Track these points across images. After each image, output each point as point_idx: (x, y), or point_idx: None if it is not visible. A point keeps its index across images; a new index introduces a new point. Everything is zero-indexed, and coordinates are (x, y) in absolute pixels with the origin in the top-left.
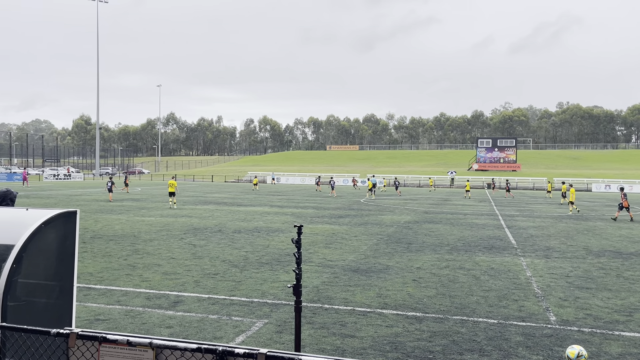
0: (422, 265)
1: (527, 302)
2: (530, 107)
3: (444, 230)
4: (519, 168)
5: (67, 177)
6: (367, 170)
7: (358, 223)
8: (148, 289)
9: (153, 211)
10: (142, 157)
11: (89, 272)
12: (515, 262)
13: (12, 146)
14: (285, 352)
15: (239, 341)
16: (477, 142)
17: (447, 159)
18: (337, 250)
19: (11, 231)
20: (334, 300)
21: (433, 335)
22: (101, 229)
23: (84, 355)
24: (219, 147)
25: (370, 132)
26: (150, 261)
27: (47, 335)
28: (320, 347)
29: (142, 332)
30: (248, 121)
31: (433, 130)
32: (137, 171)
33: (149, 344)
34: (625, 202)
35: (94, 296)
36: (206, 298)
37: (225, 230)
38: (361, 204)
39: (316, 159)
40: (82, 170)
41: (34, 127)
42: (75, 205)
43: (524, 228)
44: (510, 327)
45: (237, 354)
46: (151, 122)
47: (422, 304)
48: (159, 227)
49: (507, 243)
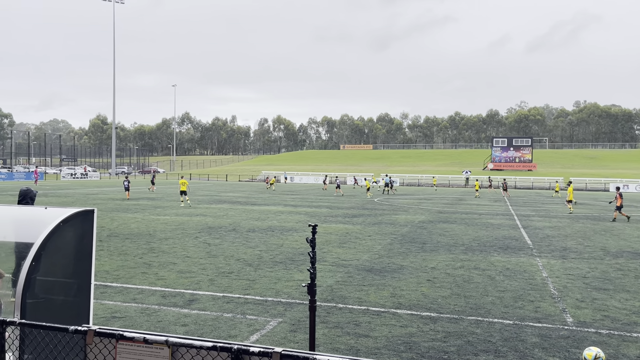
0: (437, 265)
1: (543, 303)
2: (546, 106)
3: (458, 230)
4: (535, 168)
5: (84, 176)
6: (381, 169)
7: (372, 223)
8: (163, 287)
9: (168, 210)
10: (157, 157)
11: (105, 270)
12: (531, 263)
13: (30, 145)
14: (300, 351)
15: (254, 340)
16: (492, 142)
17: (461, 159)
18: (350, 250)
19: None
20: (348, 299)
21: (448, 336)
22: (117, 227)
23: (101, 353)
24: (233, 146)
25: (384, 131)
26: (166, 259)
27: (65, 332)
28: (334, 346)
29: (157, 330)
30: (262, 121)
31: (447, 130)
32: (153, 170)
33: (165, 341)
34: (619, 201)
35: (110, 294)
36: (221, 296)
37: (239, 229)
38: (375, 203)
39: (330, 159)
40: (99, 170)
41: (51, 126)
42: (91, 204)
43: (539, 228)
44: (526, 328)
45: (252, 353)
46: (166, 122)
47: (437, 304)
48: (174, 225)
49: (522, 243)
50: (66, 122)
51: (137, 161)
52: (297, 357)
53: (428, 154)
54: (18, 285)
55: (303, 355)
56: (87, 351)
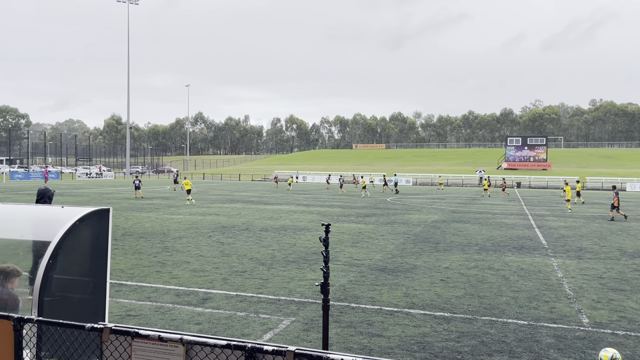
0: (450, 265)
1: (558, 304)
2: (561, 104)
3: (472, 229)
4: (550, 167)
5: (99, 176)
6: (394, 169)
7: (384, 222)
8: (177, 285)
9: (182, 209)
10: (171, 156)
11: (120, 268)
12: (546, 263)
13: (46, 145)
14: (314, 349)
15: (267, 338)
16: (507, 141)
17: (475, 158)
18: (363, 250)
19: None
20: (360, 299)
21: (461, 336)
22: (132, 226)
23: (117, 350)
24: (246, 146)
25: (397, 130)
26: (180, 258)
27: (81, 330)
28: (347, 345)
29: (171, 328)
30: (275, 120)
31: (461, 129)
32: (166, 170)
33: (180, 339)
34: (616, 200)
35: (125, 292)
36: (234, 295)
37: (252, 228)
38: (388, 203)
39: (342, 158)
40: (113, 169)
41: (67, 126)
42: (106, 203)
43: (555, 228)
44: (541, 329)
45: (265, 351)
46: (180, 122)
47: (450, 304)
48: (187, 225)
49: (537, 243)
50: (81, 122)
51: (151, 161)
52: (310, 356)
53: (441, 153)
54: (35, 283)
55: (317, 354)
56: (103, 348)
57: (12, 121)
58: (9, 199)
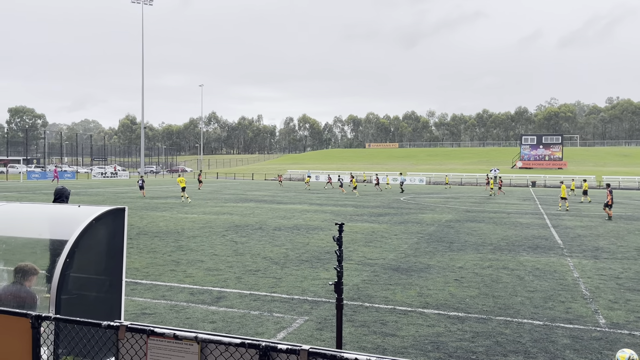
0: (464, 265)
1: (574, 304)
2: (577, 102)
3: (486, 229)
4: (565, 166)
5: (114, 175)
6: (407, 168)
7: (398, 222)
8: (192, 284)
9: (196, 208)
10: (184, 156)
11: (135, 267)
12: (561, 263)
13: (62, 145)
14: (327, 349)
15: (280, 337)
16: (521, 139)
17: (489, 157)
18: (377, 249)
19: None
20: (374, 298)
21: (476, 336)
22: (146, 225)
23: (132, 348)
24: (259, 145)
25: (410, 129)
26: (194, 257)
27: (98, 328)
28: (361, 345)
29: (186, 326)
30: (287, 120)
31: (475, 127)
32: (180, 169)
33: (195, 337)
34: (610, 199)
35: (140, 291)
36: (248, 294)
37: (265, 227)
38: (401, 202)
39: (355, 157)
40: (128, 169)
41: (82, 127)
42: (121, 202)
43: (570, 227)
44: (557, 329)
45: (279, 350)
46: (193, 121)
47: (465, 304)
48: (201, 224)
49: (552, 243)
50: (97, 122)
51: (165, 160)
52: (324, 355)
53: (455, 152)
54: (53, 282)
55: (330, 353)
56: (119, 346)
57: (29, 121)
58: (26, 198)
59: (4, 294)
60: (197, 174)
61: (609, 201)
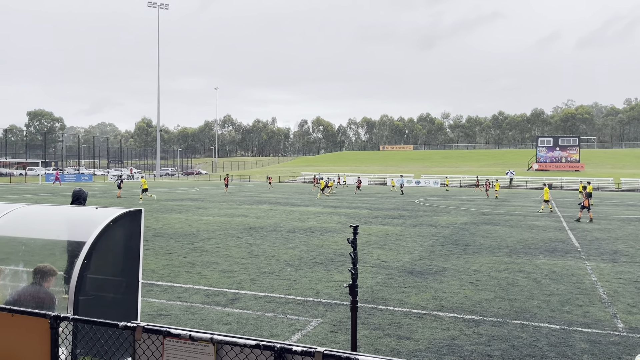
0: (480, 268)
1: (592, 308)
2: (595, 104)
3: (502, 232)
4: (583, 168)
5: (130, 178)
6: (422, 170)
7: (412, 224)
8: (207, 286)
9: (211, 210)
10: (199, 158)
11: (151, 269)
12: (579, 266)
13: (80, 148)
14: (342, 351)
15: (295, 339)
16: (537, 141)
17: (505, 159)
18: (391, 251)
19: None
20: (388, 301)
21: (491, 340)
22: (162, 227)
23: (149, 349)
24: (273, 148)
25: (425, 131)
26: (209, 259)
27: (115, 328)
28: (376, 347)
29: (201, 327)
30: (302, 122)
31: (490, 129)
32: (195, 172)
33: (210, 339)
34: (586, 201)
35: (156, 292)
36: (262, 296)
37: (280, 229)
38: (415, 204)
39: (369, 159)
40: (144, 171)
41: (99, 129)
42: (137, 204)
43: (588, 230)
44: (575, 334)
45: (294, 352)
46: (209, 124)
47: (480, 307)
48: (216, 226)
49: (570, 246)
50: (113, 125)
51: (180, 163)
52: (339, 357)
53: (470, 154)
54: (71, 283)
55: (345, 356)
56: (136, 347)
57: (48, 125)
58: (45, 200)
59: (24, 294)
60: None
61: (585, 203)
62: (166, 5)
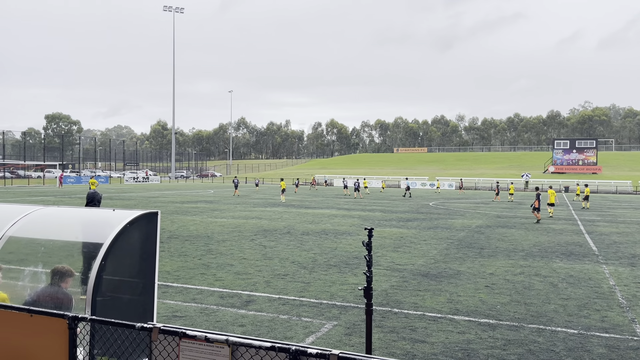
0: (495, 271)
1: (610, 313)
2: (612, 105)
3: (518, 235)
4: (600, 170)
5: (145, 180)
6: (436, 173)
7: (427, 227)
8: (221, 288)
9: (225, 213)
10: (214, 161)
11: (166, 270)
12: (596, 270)
13: (96, 151)
14: (357, 354)
15: (309, 342)
16: (554, 144)
17: (520, 161)
18: (405, 254)
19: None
20: (403, 304)
21: (507, 344)
22: (177, 229)
23: (165, 349)
24: (287, 150)
25: (439, 134)
26: (223, 261)
27: (132, 329)
28: (390, 351)
29: (216, 329)
30: (316, 125)
31: (506, 132)
32: (210, 174)
33: (226, 340)
34: (536, 202)
35: (171, 294)
36: (276, 298)
37: (294, 232)
38: (430, 207)
39: (383, 162)
40: (159, 173)
41: (115, 132)
42: (152, 206)
43: (606, 234)
44: (592, 338)
45: (309, 354)
46: (223, 127)
47: (496, 311)
48: (230, 228)
49: (587, 249)
50: (129, 128)
51: (195, 165)
52: (354, 359)
53: (485, 156)
54: (89, 284)
55: (360, 359)
56: (152, 348)
57: (65, 128)
58: (63, 202)
59: (42, 295)
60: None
61: (536, 204)
62: (181, 9)
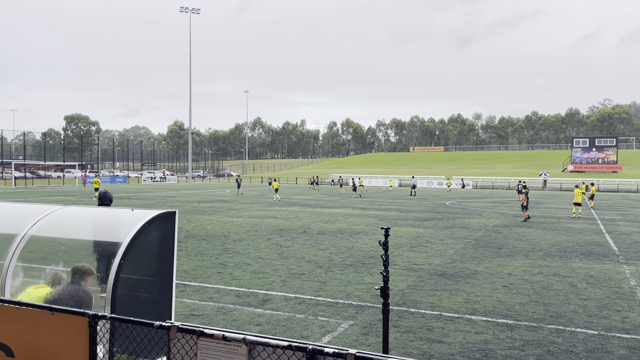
0: (513, 271)
1: (631, 313)
2: (632, 103)
3: (536, 234)
4: (620, 169)
5: (163, 180)
6: (453, 171)
7: (444, 226)
8: (238, 287)
9: (241, 212)
10: (230, 160)
11: (183, 269)
12: (617, 270)
13: (114, 151)
14: (374, 353)
15: (326, 341)
16: (573, 142)
17: (538, 160)
18: (422, 254)
19: (119, 230)
20: (420, 304)
21: (526, 344)
22: (194, 228)
23: (183, 348)
24: (302, 149)
25: (456, 132)
26: (240, 260)
27: (150, 327)
28: (407, 350)
29: (233, 328)
30: (331, 124)
31: (523, 130)
32: (226, 174)
33: (243, 339)
34: (525, 200)
35: (188, 292)
36: (293, 297)
37: (309, 231)
38: (446, 207)
39: (399, 161)
40: (176, 173)
41: (133, 133)
42: (170, 206)
43: (626, 234)
44: (613, 340)
45: (326, 353)
46: (239, 127)
47: (514, 311)
48: (247, 227)
49: (607, 249)
50: (146, 128)
51: (211, 165)
52: (371, 359)
53: (502, 155)
54: (108, 282)
55: (377, 358)
56: (171, 346)
57: (84, 128)
58: (82, 202)
59: (63, 293)
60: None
61: (524, 202)
62: (197, 10)
